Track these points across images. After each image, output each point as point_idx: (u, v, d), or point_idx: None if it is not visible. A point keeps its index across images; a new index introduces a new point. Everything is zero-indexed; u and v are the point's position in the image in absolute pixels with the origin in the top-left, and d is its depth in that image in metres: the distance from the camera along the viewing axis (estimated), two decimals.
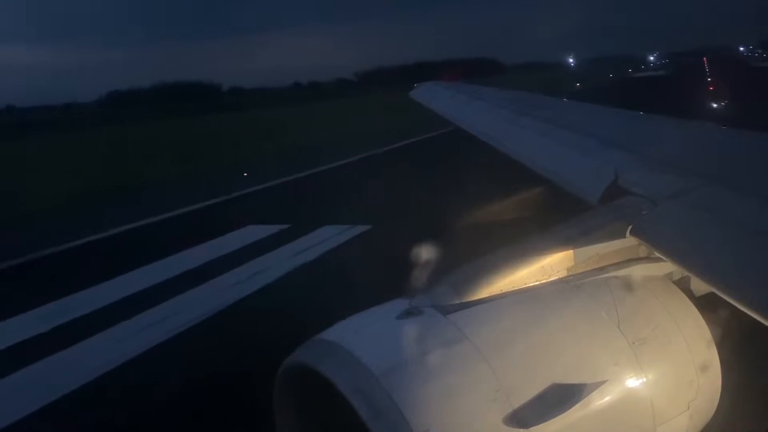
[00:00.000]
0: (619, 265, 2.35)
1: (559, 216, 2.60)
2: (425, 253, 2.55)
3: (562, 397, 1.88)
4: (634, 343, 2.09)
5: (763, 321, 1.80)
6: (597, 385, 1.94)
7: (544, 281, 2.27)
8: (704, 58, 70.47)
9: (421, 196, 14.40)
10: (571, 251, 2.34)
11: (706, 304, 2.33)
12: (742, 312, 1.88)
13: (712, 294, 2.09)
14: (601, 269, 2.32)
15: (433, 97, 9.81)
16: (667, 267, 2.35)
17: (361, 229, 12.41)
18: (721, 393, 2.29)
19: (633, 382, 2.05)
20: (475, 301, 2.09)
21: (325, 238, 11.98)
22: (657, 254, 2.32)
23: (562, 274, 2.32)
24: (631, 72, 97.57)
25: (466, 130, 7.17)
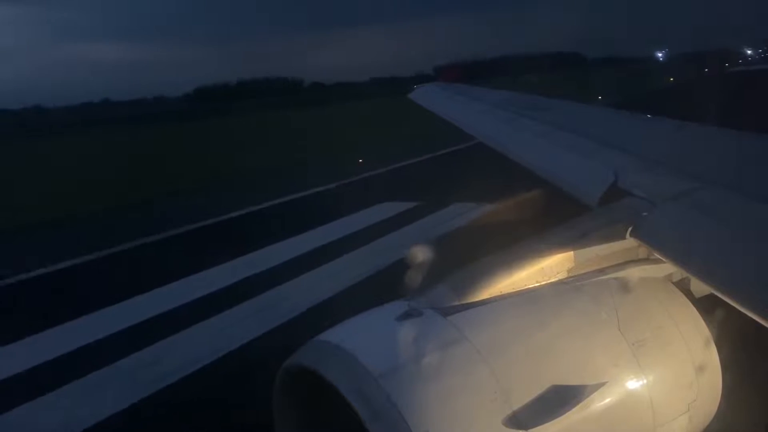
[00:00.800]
0: (619, 266, 2.35)
1: (559, 217, 2.60)
2: (424, 254, 2.54)
3: (561, 398, 1.88)
4: (634, 344, 2.08)
5: (763, 322, 1.80)
6: (597, 387, 1.94)
7: (544, 282, 2.27)
8: None
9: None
10: (571, 252, 2.34)
11: (706, 306, 2.33)
12: (743, 313, 1.88)
13: (712, 295, 2.09)
14: (601, 271, 2.32)
15: (433, 98, 9.79)
16: (666, 268, 2.35)
17: (488, 208, 13.19)
18: (722, 394, 2.29)
19: (633, 383, 2.05)
20: (475, 302, 2.09)
21: (457, 215, 13.43)
22: (657, 255, 2.32)
23: (562, 275, 2.32)
24: (728, 66, 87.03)
25: (465, 131, 7.16)
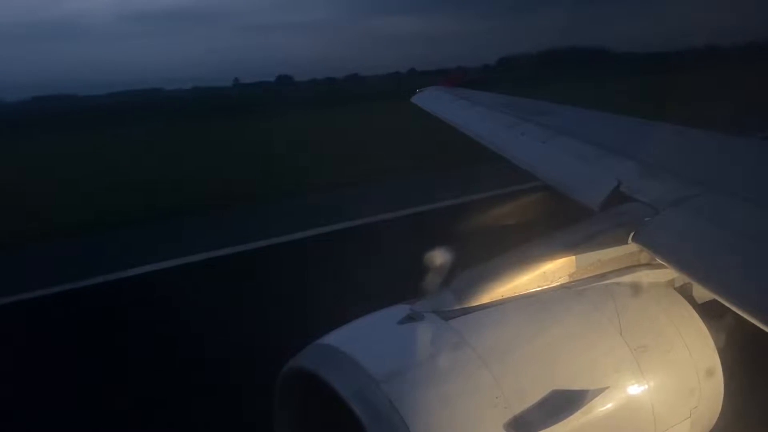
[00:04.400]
0: (620, 271, 2.34)
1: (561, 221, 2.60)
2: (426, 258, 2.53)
3: (563, 403, 1.87)
4: (635, 349, 2.08)
5: (765, 328, 1.79)
6: (598, 392, 1.94)
7: (546, 287, 2.26)
8: None
9: None
10: (573, 257, 2.34)
11: (708, 311, 2.32)
12: (744, 319, 1.87)
13: (714, 301, 2.09)
14: (603, 275, 2.31)
15: (435, 102, 9.79)
16: (668, 274, 2.35)
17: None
18: (724, 400, 2.28)
19: (634, 388, 2.04)
20: (476, 306, 2.09)
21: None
22: (659, 261, 2.31)
23: (564, 280, 2.31)
24: None
25: (468, 135, 7.15)
